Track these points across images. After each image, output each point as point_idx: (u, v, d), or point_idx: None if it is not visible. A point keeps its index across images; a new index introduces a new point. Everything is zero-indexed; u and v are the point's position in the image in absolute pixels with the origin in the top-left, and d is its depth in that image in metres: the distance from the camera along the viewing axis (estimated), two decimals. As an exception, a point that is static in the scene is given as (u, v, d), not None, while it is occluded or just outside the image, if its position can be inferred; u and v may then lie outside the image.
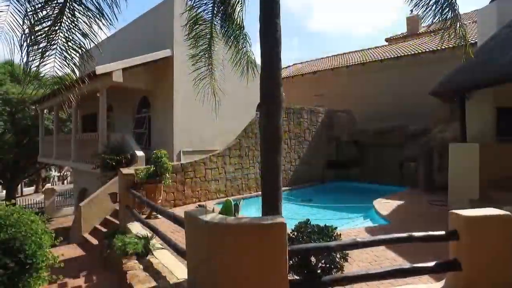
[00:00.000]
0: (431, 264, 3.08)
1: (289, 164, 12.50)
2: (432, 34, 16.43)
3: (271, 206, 4.13)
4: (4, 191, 26.67)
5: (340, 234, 3.68)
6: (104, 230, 8.31)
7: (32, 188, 40.09)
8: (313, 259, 3.50)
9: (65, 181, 46.01)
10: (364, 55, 17.64)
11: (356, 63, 16.61)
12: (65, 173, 45.72)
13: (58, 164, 15.96)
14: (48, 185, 41.05)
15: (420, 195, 9.84)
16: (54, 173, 45.88)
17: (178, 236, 6.17)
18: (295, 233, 3.75)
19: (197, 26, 6.46)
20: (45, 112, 19.40)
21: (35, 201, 25.94)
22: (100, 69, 9.00)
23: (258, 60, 7.16)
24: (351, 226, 7.44)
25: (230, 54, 7.12)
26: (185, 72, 11.16)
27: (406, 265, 3.68)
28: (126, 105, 13.07)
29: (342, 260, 3.52)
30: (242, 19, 6.67)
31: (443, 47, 11.61)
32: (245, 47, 7.09)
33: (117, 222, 8.23)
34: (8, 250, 2.78)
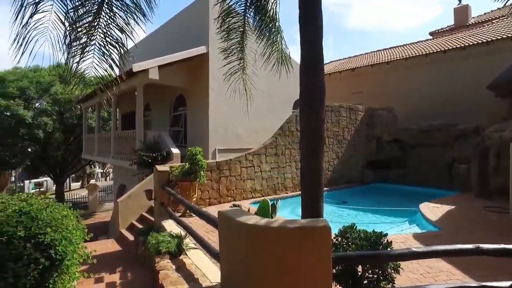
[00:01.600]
0: (506, 284, 2.59)
1: (327, 164, 11.98)
2: (484, 24, 15.14)
3: (311, 208, 3.78)
4: (54, 186, 28.32)
5: (391, 242, 3.27)
6: (140, 226, 8.36)
7: (79, 184, 42.45)
8: (359, 268, 3.14)
9: (108, 178, 48.26)
10: (406, 50, 16.63)
11: (398, 58, 15.67)
12: (107, 170, 47.96)
13: (99, 160, 16.58)
14: (92, 181, 43.30)
15: (472, 200, 8.97)
16: (98, 169, 48.31)
17: (213, 236, 5.98)
18: (339, 239, 3.40)
19: (229, 18, 6.25)
20: (88, 111, 20.33)
21: (80, 195, 27.37)
22: (136, 67, 9.09)
23: (292, 55, 6.82)
24: (395, 231, 6.88)
25: (264, 49, 6.83)
26: (220, 69, 11.07)
27: (472, 283, 3.18)
28: (163, 103, 13.24)
29: (393, 271, 3.11)
30: (276, 11, 6.38)
31: (501, 36, 10.54)
32: (278, 40, 6.79)
33: (153, 219, 8.25)
34: (38, 245, 2.67)
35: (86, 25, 4.79)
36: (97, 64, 4.72)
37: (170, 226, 6.53)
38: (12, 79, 20.19)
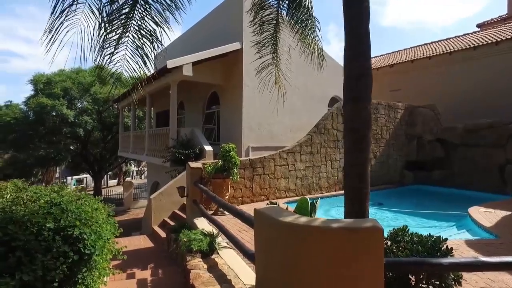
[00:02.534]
0: None
1: (363, 164, 11.39)
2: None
3: (355, 209, 3.42)
4: (93, 183, 29.54)
5: (452, 248, 2.85)
6: (172, 223, 8.31)
7: (116, 181, 44.09)
8: (412, 277, 2.76)
9: (142, 176, 49.76)
10: (450, 44, 15.55)
11: (442, 52, 14.68)
12: (142, 168, 49.43)
13: (133, 157, 16.98)
14: (128, 179, 44.80)
15: (531, 206, 8.10)
16: (133, 168, 49.93)
17: (246, 235, 5.74)
18: (389, 242, 3.02)
19: (263, 10, 6.00)
20: (124, 110, 20.93)
21: (116, 192, 28.31)
22: (170, 63, 9.07)
23: (325, 48, 6.39)
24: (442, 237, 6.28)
25: (299, 43, 6.53)
26: (254, 65, 10.86)
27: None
28: (196, 101, 13.25)
29: (455, 283, 2.70)
30: (310, 1, 6.05)
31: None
32: (313, 32, 6.45)
33: (185, 216, 8.17)
34: (67, 238, 2.54)
35: (122, 16, 4.71)
36: (130, 57, 4.62)
37: (202, 224, 6.38)
38: (57, 80, 21.26)
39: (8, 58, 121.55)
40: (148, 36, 4.81)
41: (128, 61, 4.88)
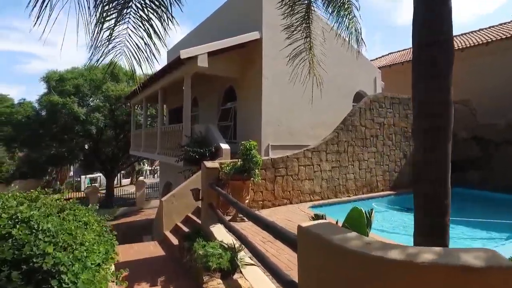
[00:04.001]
0: None
1: (393, 164, 10.39)
2: None
3: (433, 221, 2.51)
4: (105, 181, 29.19)
5: None
6: (185, 228, 7.52)
7: (129, 180, 43.89)
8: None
9: (155, 175, 49.48)
10: (486, 35, 14.31)
11: (477, 44, 13.49)
12: (155, 168, 49.14)
13: (145, 156, 16.33)
14: (141, 178, 44.55)
15: None
16: (146, 167, 49.69)
17: (271, 248, 4.89)
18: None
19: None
20: (136, 108, 20.35)
21: (129, 191, 27.85)
22: (184, 53, 8.29)
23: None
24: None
25: (333, 25, 5.64)
26: (274, 57, 10.01)
27: None
28: (211, 97, 12.46)
29: None
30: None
31: None
32: (351, 13, 5.56)
33: (199, 221, 7.37)
34: (32, 273, 1.71)
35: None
36: (132, 31, 3.80)
37: (220, 232, 5.55)
38: (69, 77, 20.85)
39: (29, 59, 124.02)
40: (155, 7, 3.98)
41: (130, 36, 4.05)
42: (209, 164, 6.29)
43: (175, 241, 7.21)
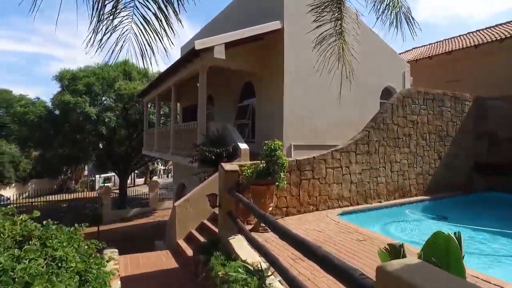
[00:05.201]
0: None
1: (427, 166, 9.42)
2: None
3: None
4: (118, 181, 28.91)
5: None
6: (200, 237, 6.80)
7: (143, 179, 43.73)
8: None
9: (169, 175, 49.22)
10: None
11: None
12: (169, 167, 48.88)
13: (158, 156, 15.73)
14: (155, 178, 44.36)
15: None
16: (160, 166, 49.50)
17: (304, 268, 4.08)
18: None
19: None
20: (150, 107, 19.82)
21: (142, 192, 27.46)
22: (199, 44, 7.55)
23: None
24: None
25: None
26: (297, 49, 9.22)
27: None
28: (227, 94, 11.72)
29: None
30: None
31: None
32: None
33: (215, 229, 6.64)
34: None
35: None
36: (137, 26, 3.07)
37: (241, 246, 4.77)
38: (82, 76, 20.51)
39: (48, 61, 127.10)
40: None
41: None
42: (227, 166, 5.52)
43: (189, 251, 6.50)
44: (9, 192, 29.54)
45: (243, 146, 7.78)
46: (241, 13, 11.14)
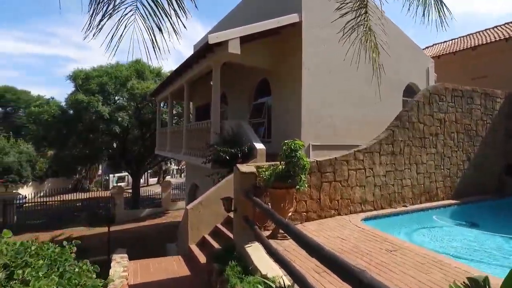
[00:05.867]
0: None
1: (455, 168, 8.80)
2: None
3: None
4: (130, 180, 28.90)
5: None
6: (213, 243, 6.40)
7: (156, 179, 43.81)
8: None
9: (183, 174, 49.20)
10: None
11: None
12: (182, 167, 48.87)
13: (170, 156, 15.44)
14: (168, 177, 44.39)
15: None
16: (173, 166, 49.56)
17: (331, 284, 3.62)
18: None
19: None
20: (163, 106, 19.59)
21: (154, 192, 27.35)
22: (213, 38, 7.16)
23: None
24: None
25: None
26: (316, 43, 8.72)
27: None
28: (241, 92, 11.31)
29: None
30: None
31: None
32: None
33: (230, 234, 6.24)
34: None
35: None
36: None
37: (259, 256, 4.34)
38: (95, 75, 20.46)
39: (65, 62, 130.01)
40: None
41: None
42: (243, 168, 5.10)
43: (202, 258, 6.11)
44: (27, 191, 29.92)
45: (259, 146, 7.36)
46: (256, 7, 10.71)
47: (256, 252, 4.58)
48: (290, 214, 5.38)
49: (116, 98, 21.09)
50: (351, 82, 9.16)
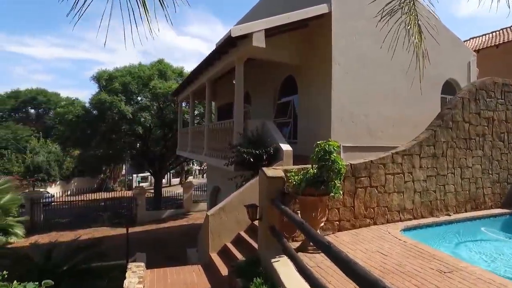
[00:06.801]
0: None
1: (505, 172, 7.87)
2: None
3: None
4: (152, 180, 28.95)
5: None
6: (236, 252, 5.87)
7: (178, 179, 44.01)
8: None
9: (204, 175, 49.22)
10: None
11: None
12: (204, 167, 48.89)
13: (192, 157, 15.09)
14: (190, 178, 44.47)
15: None
16: (195, 166, 49.69)
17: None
18: None
19: None
20: (185, 106, 19.35)
21: (176, 193, 27.24)
22: (236, 30, 6.64)
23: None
24: None
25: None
26: (347, 35, 8.04)
27: None
28: (265, 90, 10.76)
29: None
30: None
31: None
32: None
33: (253, 243, 5.70)
34: None
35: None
36: None
37: (288, 275, 3.77)
38: (118, 75, 20.53)
39: (93, 66, 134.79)
40: None
41: None
42: (270, 172, 4.55)
43: (223, 269, 5.60)
44: (55, 190, 30.72)
45: (285, 147, 6.78)
46: (281, 0, 10.13)
47: (284, 269, 4.02)
48: (322, 224, 4.78)
49: (139, 98, 21.08)
50: (386, 78, 8.42)
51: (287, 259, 4.10)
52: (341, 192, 4.64)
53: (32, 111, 56.68)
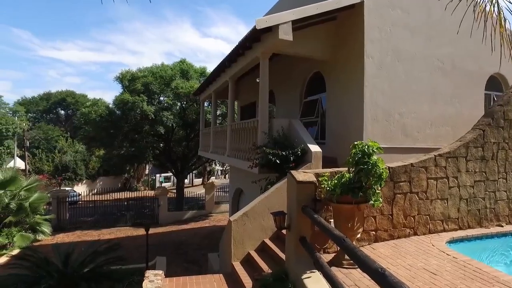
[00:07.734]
0: None
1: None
2: None
3: None
4: (175, 180, 28.99)
5: None
6: (260, 261, 5.40)
7: (200, 180, 44.12)
8: None
9: (227, 176, 49.09)
10: None
11: None
12: (226, 168, 48.76)
13: (213, 158, 14.77)
14: (213, 178, 44.46)
15: None
16: (217, 167, 49.71)
17: None
18: None
19: None
20: (207, 106, 19.11)
21: (198, 193, 27.12)
22: (261, 22, 6.18)
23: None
24: None
25: None
26: (381, 27, 7.40)
27: None
28: (290, 88, 10.24)
29: None
30: None
31: None
32: None
33: (279, 252, 5.21)
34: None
35: None
36: None
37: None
38: (140, 75, 20.60)
39: (119, 68, 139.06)
40: None
41: None
42: (300, 176, 4.05)
43: (246, 280, 5.14)
44: (81, 188, 31.46)
45: (314, 148, 6.24)
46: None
47: (316, 286, 3.52)
48: (359, 235, 4.23)
49: (161, 98, 21.07)
50: (423, 73, 7.72)
51: (319, 275, 3.60)
52: (381, 200, 4.08)
53: (62, 112, 58.82)
